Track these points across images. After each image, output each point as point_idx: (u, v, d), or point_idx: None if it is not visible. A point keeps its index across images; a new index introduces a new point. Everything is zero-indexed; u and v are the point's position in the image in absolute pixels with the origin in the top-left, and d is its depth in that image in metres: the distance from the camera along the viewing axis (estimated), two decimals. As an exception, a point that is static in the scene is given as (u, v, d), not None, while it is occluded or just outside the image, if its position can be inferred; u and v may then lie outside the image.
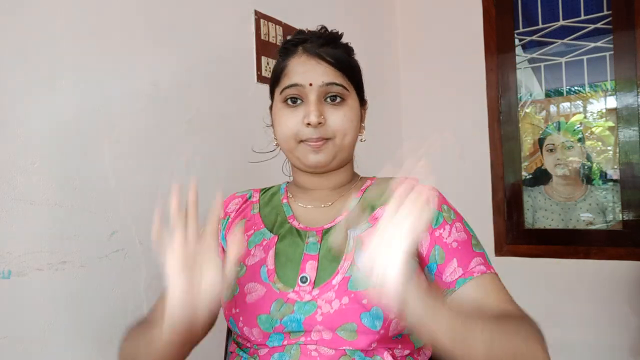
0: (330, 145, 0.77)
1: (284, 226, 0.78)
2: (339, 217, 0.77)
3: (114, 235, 0.88)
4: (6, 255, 0.72)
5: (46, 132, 0.78)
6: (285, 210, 0.82)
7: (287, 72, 0.78)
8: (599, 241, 1.72)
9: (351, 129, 0.78)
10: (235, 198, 0.86)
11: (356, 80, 0.81)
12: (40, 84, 0.77)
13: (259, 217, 0.82)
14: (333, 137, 0.76)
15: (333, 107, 0.76)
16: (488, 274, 0.70)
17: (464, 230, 0.74)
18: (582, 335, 1.73)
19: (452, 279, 0.70)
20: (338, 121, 0.76)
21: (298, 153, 0.77)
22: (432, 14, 2.00)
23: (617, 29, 1.68)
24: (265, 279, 0.72)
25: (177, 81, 1.02)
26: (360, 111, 0.82)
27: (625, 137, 1.68)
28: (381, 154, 1.90)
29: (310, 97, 0.75)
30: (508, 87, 1.85)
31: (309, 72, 0.76)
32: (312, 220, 0.79)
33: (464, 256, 0.71)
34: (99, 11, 0.87)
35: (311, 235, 0.75)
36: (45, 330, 0.77)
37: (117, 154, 0.89)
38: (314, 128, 0.74)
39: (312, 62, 0.76)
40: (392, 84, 2.04)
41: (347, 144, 0.78)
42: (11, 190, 0.73)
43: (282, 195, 0.85)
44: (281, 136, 0.78)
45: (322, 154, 0.76)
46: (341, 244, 0.72)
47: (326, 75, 0.76)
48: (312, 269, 0.71)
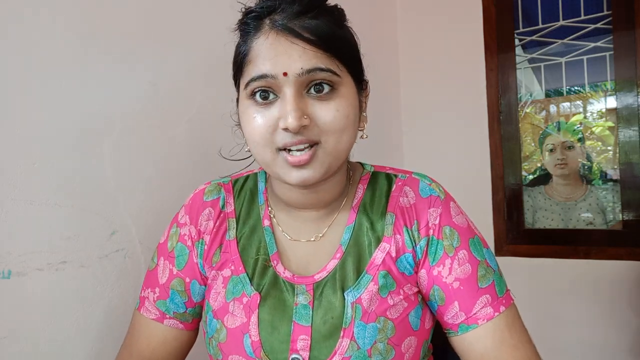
0: (320, 154, 0.57)
1: (267, 273, 0.65)
2: (332, 262, 0.65)
3: (114, 235, 0.88)
4: (6, 255, 0.72)
5: (46, 132, 0.78)
6: (268, 243, 0.67)
7: (252, 59, 0.57)
8: (599, 241, 1.71)
9: (348, 127, 0.58)
10: (205, 206, 0.71)
11: (351, 57, 0.60)
12: (40, 84, 0.77)
13: (236, 248, 0.68)
14: (323, 141, 0.57)
15: (320, 101, 0.56)
16: (496, 318, 0.61)
17: (469, 260, 0.63)
18: (582, 335, 1.72)
19: (454, 323, 0.63)
20: (328, 119, 0.56)
21: (277, 168, 0.59)
22: (432, 14, 2.00)
23: (617, 29, 1.68)
24: (250, 353, 0.61)
25: (177, 81, 1.02)
26: (358, 99, 0.61)
27: (625, 137, 1.68)
28: (381, 154, 1.91)
29: (285, 91, 0.55)
30: (508, 87, 1.85)
31: (281, 57, 0.55)
32: (300, 262, 0.66)
33: (466, 298, 0.62)
34: (99, 11, 0.87)
35: (301, 293, 0.63)
36: (45, 330, 0.77)
37: (117, 154, 0.89)
38: (295, 134, 0.55)
39: (284, 41, 0.55)
40: (392, 84, 2.04)
41: (343, 148, 0.59)
42: (11, 190, 0.73)
43: (262, 210, 0.70)
44: (252, 144, 0.60)
45: (309, 169, 0.57)
46: (337, 315, 0.61)
47: (306, 59, 0.55)
48: (305, 347, 0.60)
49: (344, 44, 0.59)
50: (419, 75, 2.03)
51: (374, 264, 0.64)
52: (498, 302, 0.62)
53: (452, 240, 0.64)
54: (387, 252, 0.64)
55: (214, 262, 0.69)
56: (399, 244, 0.65)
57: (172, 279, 0.71)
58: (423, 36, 2.02)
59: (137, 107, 0.93)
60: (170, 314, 0.70)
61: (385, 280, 0.63)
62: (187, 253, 0.71)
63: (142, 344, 0.70)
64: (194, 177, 1.03)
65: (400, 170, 0.72)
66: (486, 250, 0.66)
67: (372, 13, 1.91)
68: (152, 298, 0.71)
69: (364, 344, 0.59)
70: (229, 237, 0.69)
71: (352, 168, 0.72)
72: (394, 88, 2.05)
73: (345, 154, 0.61)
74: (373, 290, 0.62)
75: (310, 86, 0.56)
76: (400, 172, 0.71)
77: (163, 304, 0.70)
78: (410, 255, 0.65)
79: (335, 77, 0.56)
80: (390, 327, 0.61)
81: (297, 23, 0.56)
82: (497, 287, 0.63)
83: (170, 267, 0.71)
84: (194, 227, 0.70)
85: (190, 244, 0.71)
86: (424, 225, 0.65)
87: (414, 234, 0.65)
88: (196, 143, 1.05)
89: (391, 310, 0.62)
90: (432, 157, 1.99)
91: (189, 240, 0.71)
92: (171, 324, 0.70)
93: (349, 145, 0.60)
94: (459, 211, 0.67)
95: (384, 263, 0.64)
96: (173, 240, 0.72)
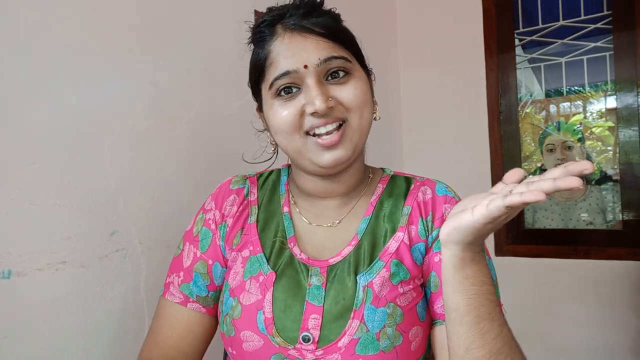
0: (349, 132, 0.64)
1: (284, 254, 0.68)
2: (347, 248, 0.68)
3: (114, 235, 0.88)
4: (6, 255, 0.72)
5: (46, 132, 0.78)
6: (286, 227, 0.71)
7: (273, 60, 0.64)
8: (599, 241, 1.71)
9: (367, 103, 0.65)
10: (230, 193, 0.76)
11: (355, 47, 0.68)
12: (40, 84, 0.77)
13: (256, 230, 0.72)
14: (349, 118, 0.63)
15: (339, 84, 0.63)
16: None
17: None
18: (582, 335, 1.72)
19: (442, 312, 0.64)
20: (350, 97, 0.63)
21: (308, 152, 0.64)
22: (432, 14, 2.00)
23: (617, 29, 1.68)
24: (262, 329, 0.64)
25: (177, 81, 1.02)
26: (368, 82, 0.69)
27: (625, 137, 1.68)
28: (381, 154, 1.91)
29: (307, 81, 0.62)
30: (508, 87, 1.85)
31: (300, 53, 0.62)
32: (316, 246, 0.69)
33: None
34: (99, 11, 0.87)
35: (314, 274, 0.66)
36: (45, 330, 0.77)
37: (117, 154, 0.89)
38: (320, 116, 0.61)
39: (299, 38, 0.62)
40: (392, 84, 2.04)
41: (366, 124, 0.66)
42: (11, 190, 0.73)
43: (282, 198, 0.75)
44: (281, 135, 0.65)
45: (340, 149, 0.63)
46: (349, 297, 0.63)
47: (321, 50, 0.62)
48: (316, 326, 0.62)
49: (348, 36, 0.67)
50: (419, 75, 2.03)
51: (388, 252, 0.67)
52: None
53: None
54: (402, 240, 0.67)
55: (235, 244, 0.72)
56: (412, 233, 0.68)
57: (196, 261, 0.73)
58: (423, 36, 2.02)
59: (137, 107, 0.93)
60: (193, 297, 0.72)
61: (397, 268, 0.65)
62: (210, 236, 0.73)
63: (167, 329, 0.72)
64: (194, 176, 1.03)
65: (418, 175, 0.77)
66: (488, 258, 0.66)
67: (372, 13, 1.91)
68: (177, 282, 0.73)
69: (373, 327, 0.61)
70: (250, 220, 0.73)
71: (373, 171, 0.77)
72: (394, 88, 2.05)
73: (367, 130, 0.67)
74: (385, 276, 0.64)
75: (328, 74, 0.63)
76: (418, 177, 0.76)
77: (187, 287, 0.72)
78: (422, 245, 0.68)
79: (347, 64, 0.64)
80: (399, 313, 0.63)
81: (306, 22, 0.63)
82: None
83: (195, 251, 0.73)
84: (219, 211, 0.74)
85: (214, 227, 0.74)
86: (439, 217, 0.69)
87: (428, 224, 0.68)
88: (196, 143, 1.05)
89: (401, 297, 0.64)
90: (432, 157, 1.99)
91: (213, 224, 0.74)
92: (194, 308, 0.72)
93: (369, 122, 0.67)
94: None
95: (397, 252, 0.67)
96: (199, 225, 0.75)
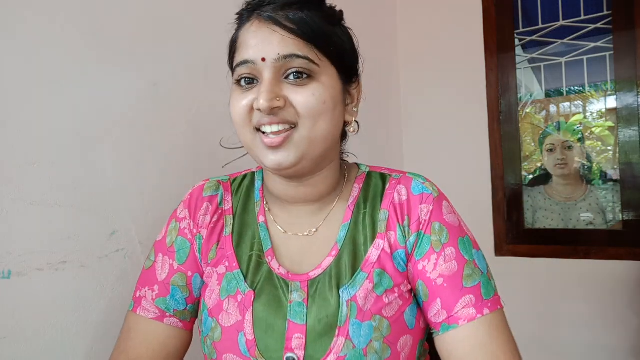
0: (296, 138, 0.59)
1: (262, 269, 0.65)
2: (327, 260, 0.65)
3: (114, 235, 0.88)
4: (6, 255, 0.72)
5: (46, 132, 0.78)
6: (263, 239, 0.68)
7: (239, 46, 0.62)
8: (599, 241, 1.71)
9: (325, 113, 0.59)
10: (203, 201, 0.72)
11: (335, 51, 0.61)
12: (41, 84, 0.77)
13: (231, 244, 0.68)
14: (299, 124, 0.59)
15: (297, 86, 0.59)
16: (478, 320, 0.59)
17: (455, 258, 0.62)
18: (582, 335, 1.72)
19: (436, 321, 0.62)
20: (303, 101, 0.58)
21: (256, 149, 0.61)
22: (432, 14, 2.00)
23: (617, 29, 1.68)
24: (245, 352, 0.61)
25: (177, 81, 1.02)
26: (341, 90, 0.63)
27: (625, 137, 1.68)
28: (381, 154, 1.91)
29: (264, 75, 0.58)
30: (508, 87, 1.85)
31: (262, 44, 0.58)
32: (294, 258, 0.67)
33: (449, 295, 0.61)
34: (99, 11, 0.87)
35: (295, 289, 0.63)
36: (45, 330, 0.77)
37: (117, 154, 0.89)
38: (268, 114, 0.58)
39: (266, 30, 0.58)
40: (392, 84, 2.04)
41: (321, 135, 0.60)
42: (11, 190, 0.73)
43: (257, 206, 0.71)
44: (235, 127, 0.63)
45: (283, 152, 0.59)
46: (332, 313, 0.60)
47: (284, 46, 0.57)
48: (300, 346, 0.60)
49: (327, 36, 0.61)
50: (419, 75, 2.03)
51: (369, 262, 0.64)
52: (482, 304, 0.60)
53: (441, 237, 0.63)
54: (382, 249, 0.65)
55: (210, 259, 0.69)
56: (391, 240, 0.65)
57: (173, 274, 0.70)
58: (423, 36, 2.02)
59: (137, 107, 0.93)
60: (170, 312, 0.69)
61: (380, 278, 0.63)
62: (188, 246, 0.71)
63: (140, 347, 0.68)
64: (194, 176, 1.03)
65: (395, 170, 0.73)
66: (476, 251, 0.65)
67: (372, 13, 1.91)
68: (151, 297, 0.70)
69: (359, 343, 0.59)
70: (225, 233, 0.70)
71: (348, 168, 0.73)
72: (394, 88, 2.05)
73: (324, 141, 0.61)
74: (368, 287, 0.62)
75: (289, 73, 0.59)
76: (395, 172, 0.72)
77: (163, 302, 0.69)
78: (403, 252, 0.65)
79: (312, 66, 0.58)
80: (385, 325, 0.61)
81: (281, 14, 0.59)
82: (483, 288, 0.61)
83: (171, 263, 0.70)
84: (193, 221, 0.71)
85: (191, 237, 0.71)
86: (415, 220, 0.65)
87: (406, 229, 0.65)
88: (196, 143, 1.05)
89: (387, 308, 0.62)
90: (432, 157, 1.99)
91: (189, 234, 0.71)
92: (171, 322, 0.69)
93: (326, 133, 0.61)
94: (451, 210, 0.67)
95: (379, 260, 0.64)
96: (172, 235, 0.72)
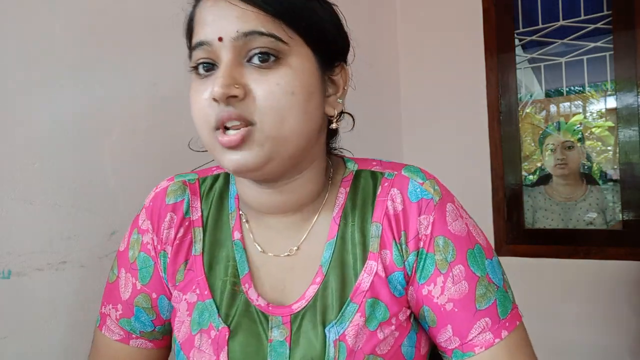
0: (257, 136, 0.48)
1: (238, 299, 0.56)
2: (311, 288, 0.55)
3: (114, 235, 0.87)
4: (6, 255, 0.72)
5: (46, 132, 0.78)
6: (239, 262, 0.58)
7: (194, 25, 0.53)
8: (599, 241, 1.71)
9: (294, 107, 0.48)
10: (166, 211, 0.61)
11: (309, 27, 0.50)
12: (40, 84, 0.77)
13: (202, 266, 0.59)
14: (258, 120, 0.48)
15: (260, 71, 0.48)
16: (497, 345, 0.52)
17: (465, 277, 0.53)
18: (582, 335, 1.72)
19: (448, 347, 0.54)
20: (266, 94, 0.47)
21: (216, 152, 0.51)
22: (432, 14, 2.00)
23: (617, 29, 1.68)
24: None
25: (177, 81, 1.02)
26: (318, 77, 0.52)
27: (625, 137, 1.68)
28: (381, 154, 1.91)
29: (223, 58, 0.49)
30: (508, 87, 1.85)
31: (219, 21, 0.49)
32: (274, 284, 0.57)
33: (462, 321, 0.53)
34: (99, 11, 0.87)
35: (276, 326, 0.54)
36: (45, 330, 0.77)
37: (117, 154, 0.89)
38: (225, 105, 0.47)
39: (223, 4, 0.49)
40: (392, 84, 2.04)
41: (291, 133, 0.49)
42: (11, 190, 0.73)
43: (232, 219, 0.61)
44: (196, 126, 0.53)
45: (243, 152, 0.49)
46: (318, 356, 0.52)
47: (244, 21, 0.47)
48: None
49: (299, 9, 0.50)
50: (419, 75, 2.03)
51: (360, 290, 0.54)
52: (500, 326, 0.53)
53: (446, 254, 0.53)
54: (375, 272, 0.55)
55: (177, 281, 0.60)
56: (386, 261, 0.55)
57: (137, 294, 0.62)
58: (423, 36, 2.02)
59: (137, 107, 0.93)
60: (136, 334, 0.62)
61: (373, 309, 0.54)
62: (151, 265, 0.62)
63: None
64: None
65: (389, 164, 0.60)
66: (489, 261, 0.55)
67: (372, 13, 1.91)
68: (115, 316, 0.62)
69: None
70: (195, 251, 0.60)
71: (334, 168, 0.61)
72: (394, 88, 2.05)
73: (295, 140, 0.50)
74: (359, 323, 0.53)
75: (252, 55, 0.48)
76: (388, 169, 0.59)
77: (127, 323, 0.62)
78: (401, 274, 0.55)
79: (280, 44, 0.48)
80: None
81: None
82: (499, 307, 0.53)
83: (134, 282, 0.62)
84: (156, 235, 0.61)
85: (154, 254, 0.62)
86: (413, 236, 0.54)
87: (403, 247, 0.55)
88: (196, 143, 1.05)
89: (381, 345, 0.53)
90: (432, 157, 1.98)
91: (152, 250, 0.62)
92: (139, 344, 0.62)
93: (298, 130, 0.50)
94: (457, 215, 0.56)
95: (372, 288, 0.54)
96: (135, 249, 0.63)
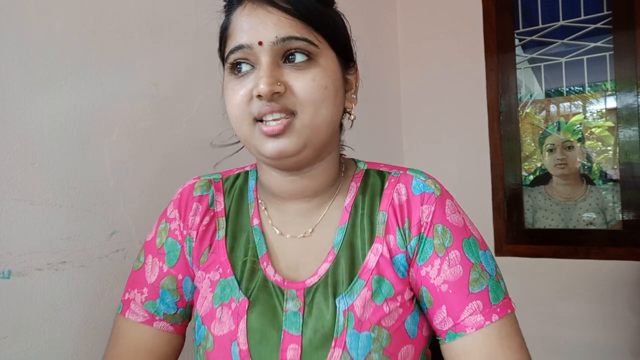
0: (297, 125, 0.56)
1: (256, 276, 0.62)
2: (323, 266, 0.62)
3: (114, 235, 0.88)
4: (6, 255, 0.72)
5: (46, 132, 0.78)
6: (257, 244, 0.65)
7: (231, 32, 0.59)
8: (599, 241, 1.71)
9: (326, 99, 0.57)
10: (193, 201, 0.69)
11: (332, 32, 0.59)
12: (40, 84, 0.77)
13: (225, 249, 0.65)
14: (299, 111, 0.56)
15: (296, 70, 0.56)
16: (487, 327, 0.56)
17: (460, 262, 0.59)
18: (582, 335, 1.73)
19: (442, 329, 0.59)
20: (305, 88, 0.55)
21: (254, 140, 0.58)
22: (432, 14, 2.00)
23: (617, 29, 1.68)
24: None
25: (177, 81, 1.02)
26: (341, 75, 0.61)
27: (625, 137, 1.68)
28: (381, 154, 1.91)
29: (262, 60, 0.56)
30: (508, 87, 1.85)
31: (257, 27, 0.56)
32: (290, 263, 0.64)
33: (455, 302, 0.58)
34: (99, 11, 0.87)
35: (290, 298, 0.60)
36: (45, 330, 0.77)
37: (117, 154, 0.89)
38: (268, 101, 0.55)
39: (260, 12, 0.56)
40: (392, 84, 2.04)
41: (323, 122, 0.57)
42: (11, 190, 0.73)
43: (251, 208, 0.68)
44: (232, 120, 0.60)
45: (284, 139, 0.56)
46: (329, 324, 0.57)
47: (281, 27, 0.55)
48: (295, 358, 0.57)
49: (323, 17, 0.58)
50: (419, 75, 2.03)
51: (367, 268, 0.60)
52: (491, 310, 0.57)
53: (444, 240, 0.60)
54: (381, 254, 0.61)
55: (201, 262, 0.66)
56: (390, 244, 0.61)
57: (163, 277, 0.67)
58: (423, 36, 2.02)
59: (137, 107, 0.93)
60: (160, 316, 0.66)
61: (379, 285, 0.60)
62: (178, 249, 0.68)
63: (129, 352, 0.65)
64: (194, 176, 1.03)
65: (395, 167, 0.69)
66: (483, 252, 0.61)
67: (373, 13, 1.91)
68: (140, 299, 0.67)
69: (357, 355, 0.56)
70: (218, 237, 0.67)
71: (346, 164, 0.70)
72: (394, 88, 2.05)
73: (326, 129, 0.59)
74: (367, 296, 0.58)
75: (287, 55, 0.56)
76: (394, 169, 0.68)
77: (152, 305, 0.66)
78: (403, 256, 0.61)
79: (311, 47, 0.56)
80: (385, 335, 0.58)
81: None
82: (491, 293, 0.58)
83: (160, 265, 0.68)
84: (183, 222, 0.68)
85: (181, 239, 0.68)
86: (416, 222, 0.61)
87: (405, 232, 0.61)
88: (196, 143, 1.05)
89: (386, 318, 0.58)
90: (432, 157, 1.99)
91: (179, 235, 0.68)
92: (162, 327, 0.66)
93: (327, 120, 0.58)
94: (455, 209, 0.63)
95: (378, 266, 0.60)
96: (162, 236, 0.69)
